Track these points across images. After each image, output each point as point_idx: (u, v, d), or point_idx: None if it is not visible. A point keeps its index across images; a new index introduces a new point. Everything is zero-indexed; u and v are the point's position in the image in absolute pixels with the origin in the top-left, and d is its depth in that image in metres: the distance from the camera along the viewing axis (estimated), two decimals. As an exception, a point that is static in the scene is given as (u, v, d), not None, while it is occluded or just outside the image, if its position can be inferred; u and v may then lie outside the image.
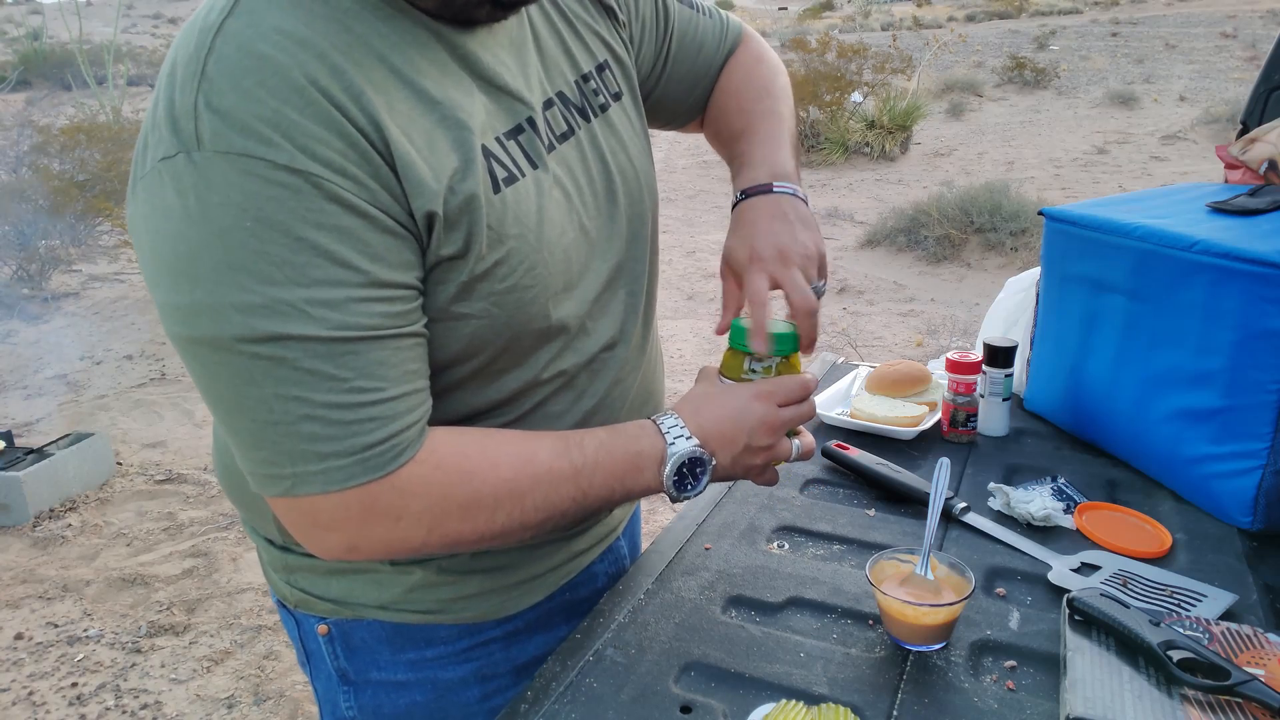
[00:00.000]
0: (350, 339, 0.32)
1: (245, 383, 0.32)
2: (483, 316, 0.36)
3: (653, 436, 0.39)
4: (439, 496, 0.35)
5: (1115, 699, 0.36)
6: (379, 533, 0.35)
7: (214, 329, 0.32)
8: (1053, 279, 0.64)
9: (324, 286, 0.32)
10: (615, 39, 0.45)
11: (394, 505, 0.35)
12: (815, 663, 0.41)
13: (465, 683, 0.45)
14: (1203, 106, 5.17)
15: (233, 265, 0.31)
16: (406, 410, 0.34)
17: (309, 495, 0.33)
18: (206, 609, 1.39)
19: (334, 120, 0.32)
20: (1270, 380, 0.49)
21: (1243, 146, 0.68)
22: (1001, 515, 0.54)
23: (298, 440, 0.33)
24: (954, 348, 0.99)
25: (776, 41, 8.85)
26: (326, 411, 0.32)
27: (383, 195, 0.33)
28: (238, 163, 0.30)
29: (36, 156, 3.21)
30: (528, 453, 0.37)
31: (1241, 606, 0.44)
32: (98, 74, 4.62)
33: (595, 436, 0.39)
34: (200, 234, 0.31)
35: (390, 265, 0.33)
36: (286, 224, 0.31)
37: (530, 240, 0.37)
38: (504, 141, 0.37)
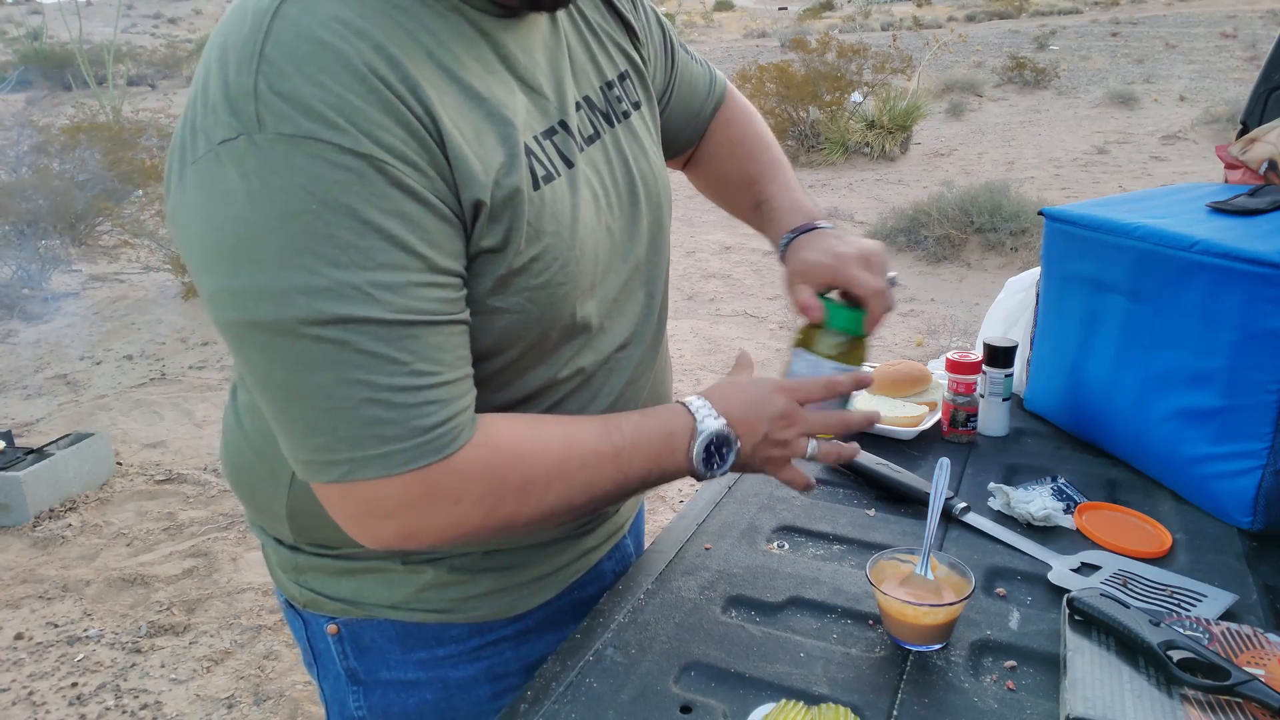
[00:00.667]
0: (411, 323, 0.33)
1: (305, 367, 0.32)
2: (516, 311, 0.37)
3: (683, 416, 0.40)
4: (497, 478, 0.36)
5: (1115, 699, 0.36)
6: (438, 517, 0.35)
7: (276, 312, 0.31)
8: (1053, 279, 0.64)
9: (388, 270, 0.32)
10: (634, 53, 0.47)
11: (454, 488, 0.35)
12: (815, 663, 0.41)
13: (476, 681, 0.45)
14: (1203, 106, 5.16)
15: (297, 248, 0.31)
16: (461, 394, 0.35)
17: (367, 480, 0.33)
18: (206, 609, 1.39)
19: (394, 108, 0.32)
20: (1270, 380, 0.49)
21: (1243, 146, 0.68)
22: (1001, 515, 0.54)
23: (358, 424, 0.32)
24: (954, 348, 0.99)
25: (776, 41, 8.87)
26: (389, 395, 0.32)
27: (439, 184, 0.33)
28: (303, 145, 0.30)
29: (36, 156, 3.21)
30: (573, 434, 0.38)
31: (1241, 606, 0.44)
32: (98, 74, 4.62)
33: (631, 419, 0.40)
34: (263, 217, 0.31)
35: (445, 253, 0.34)
36: (352, 207, 0.31)
37: (565, 238, 0.38)
38: (541, 141, 0.38)
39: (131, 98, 5.37)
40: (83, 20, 4.66)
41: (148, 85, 8.77)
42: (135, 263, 3.18)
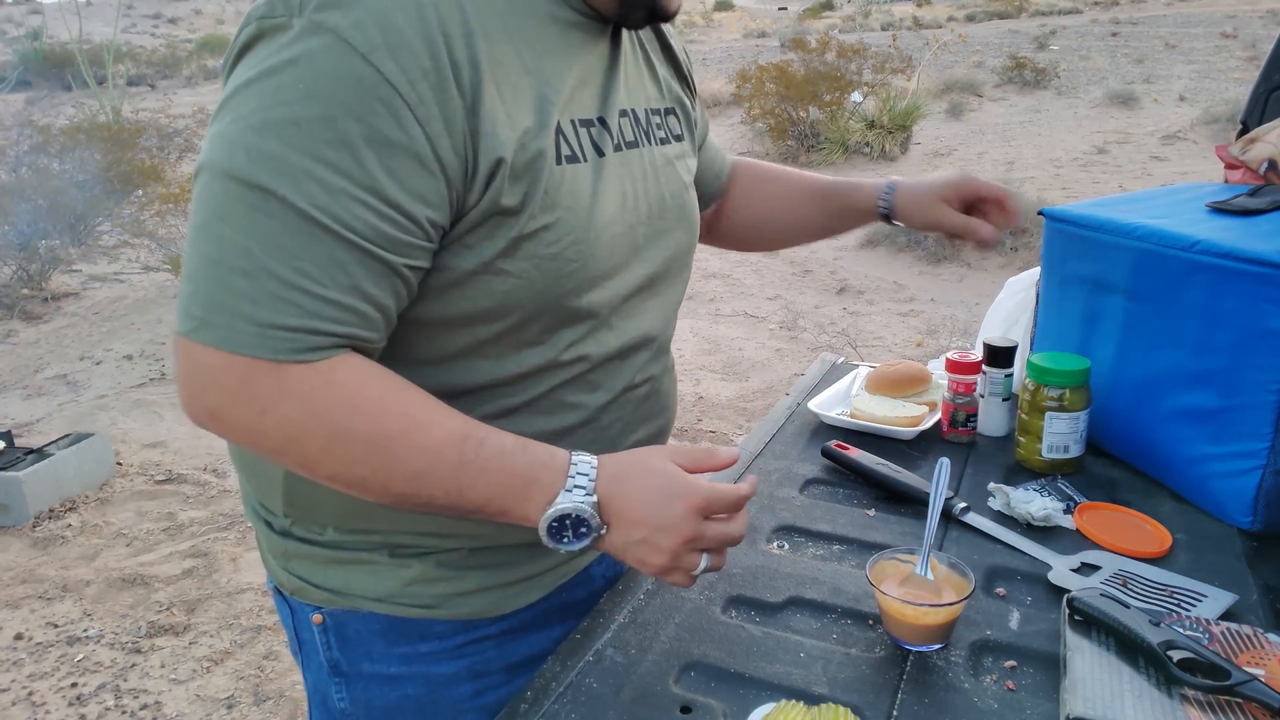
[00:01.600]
0: (323, 224, 0.33)
1: (216, 215, 0.34)
2: (521, 277, 0.38)
3: (556, 473, 0.36)
4: (311, 413, 0.34)
5: (1115, 699, 0.36)
6: (242, 415, 0.34)
7: (222, 158, 0.33)
8: (1053, 279, 0.64)
9: (328, 168, 0.33)
10: (686, 98, 0.51)
11: (266, 396, 0.34)
12: (815, 663, 0.41)
13: (458, 679, 0.45)
14: (1203, 106, 5.16)
15: (268, 114, 0.33)
16: (334, 317, 0.34)
17: (204, 344, 0.34)
18: (206, 609, 1.39)
19: (434, 41, 0.34)
20: (1270, 380, 0.49)
21: (1243, 146, 0.68)
22: (1001, 515, 0.54)
23: (223, 288, 0.33)
24: (954, 348, 0.99)
25: (776, 41, 8.88)
26: (262, 276, 0.33)
27: (436, 125, 0.34)
28: (323, 34, 0.33)
29: (36, 156, 3.21)
30: (423, 421, 0.35)
31: (1241, 606, 0.44)
32: (98, 74, 4.62)
33: (502, 442, 0.36)
34: (261, 77, 0.33)
35: (403, 188, 0.34)
36: (331, 104, 0.33)
37: (580, 216, 0.39)
38: (576, 126, 0.40)
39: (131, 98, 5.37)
40: (82, 20, 4.66)
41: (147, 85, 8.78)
42: (135, 263, 3.18)
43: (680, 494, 0.36)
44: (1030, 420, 0.58)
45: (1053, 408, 0.57)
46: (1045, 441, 0.58)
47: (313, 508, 0.43)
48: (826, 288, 2.98)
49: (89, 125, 3.44)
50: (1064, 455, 0.58)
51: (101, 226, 3.18)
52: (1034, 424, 0.58)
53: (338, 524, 0.43)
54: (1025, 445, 0.59)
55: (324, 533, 0.43)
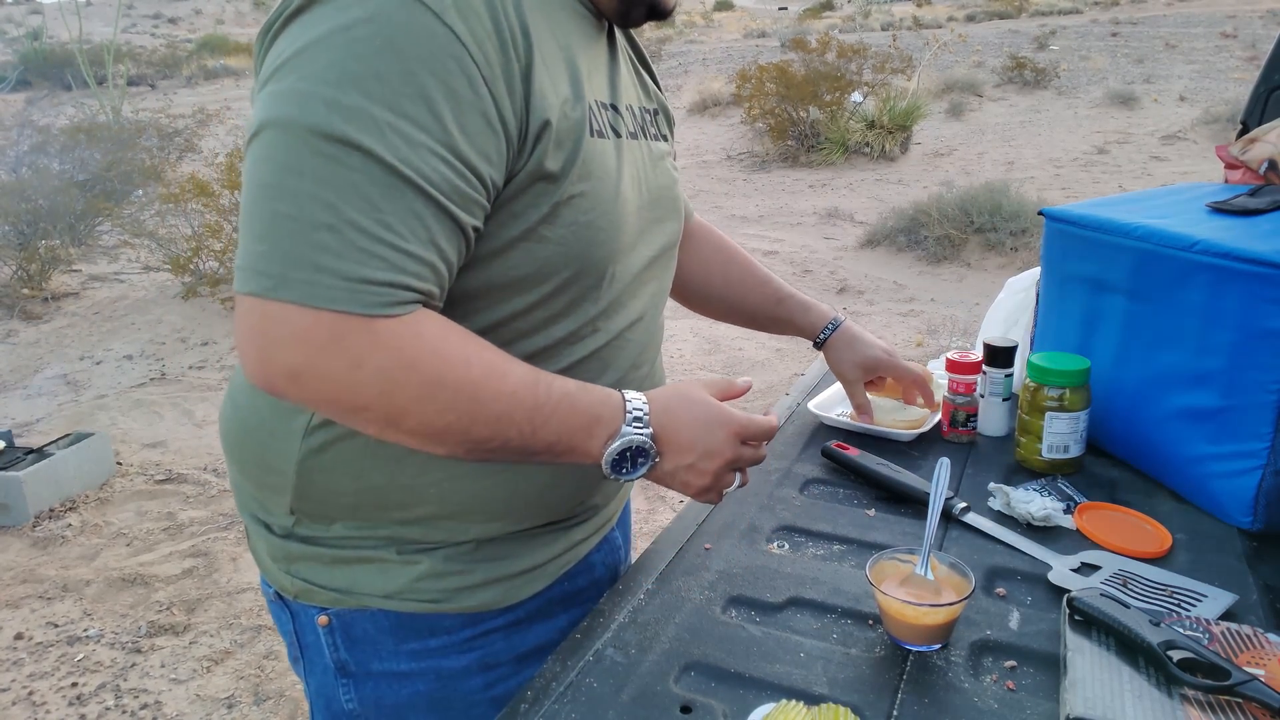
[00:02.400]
0: (405, 177, 0.33)
1: (291, 172, 0.33)
2: (560, 244, 0.39)
3: (615, 410, 0.39)
4: (405, 363, 0.35)
5: (1115, 699, 0.36)
6: (334, 371, 0.34)
7: (297, 113, 0.33)
8: (1053, 279, 0.64)
9: (410, 123, 0.33)
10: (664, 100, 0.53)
11: (360, 349, 0.34)
12: (815, 663, 0.41)
13: (468, 672, 0.45)
14: (1203, 106, 5.16)
15: (345, 68, 0.33)
16: (416, 272, 0.35)
17: (284, 302, 0.33)
18: (206, 609, 1.39)
19: (493, 6, 0.35)
20: (1270, 380, 0.49)
21: (1243, 146, 0.68)
22: (1001, 515, 0.54)
23: (305, 244, 0.33)
24: (954, 348, 0.99)
25: (776, 41, 8.88)
26: (348, 229, 0.33)
27: (500, 86, 0.35)
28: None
29: (36, 156, 3.21)
30: (502, 367, 0.37)
31: (1241, 606, 0.44)
32: (98, 74, 4.63)
33: (566, 386, 0.39)
34: (332, 34, 0.33)
35: (473, 145, 0.35)
36: (409, 58, 0.33)
37: (610, 188, 0.41)
38: (601, 106, 0.42)
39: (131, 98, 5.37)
40: (83, 20, 4.67)
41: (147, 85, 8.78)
42: (135, 263, 3.18)
43: (722, 422, 0.41)
44: (1030, 420, 0.58)
45: (1053, 408, 0.57)
46: (1045, 441, 0.58)
47: (325, 501, 0.42)
48: (826, 288, 2.98)
49: (89, 125, 3.45)
50: (1064, 455, 0.58)
51: (101, 226, 3.18)
52: (1034, 424, 0.58)
53: (348, 518, 0.42)
54: (1025, 445, 0.59)
55: (330, 529, 0.43)
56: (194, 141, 4.20)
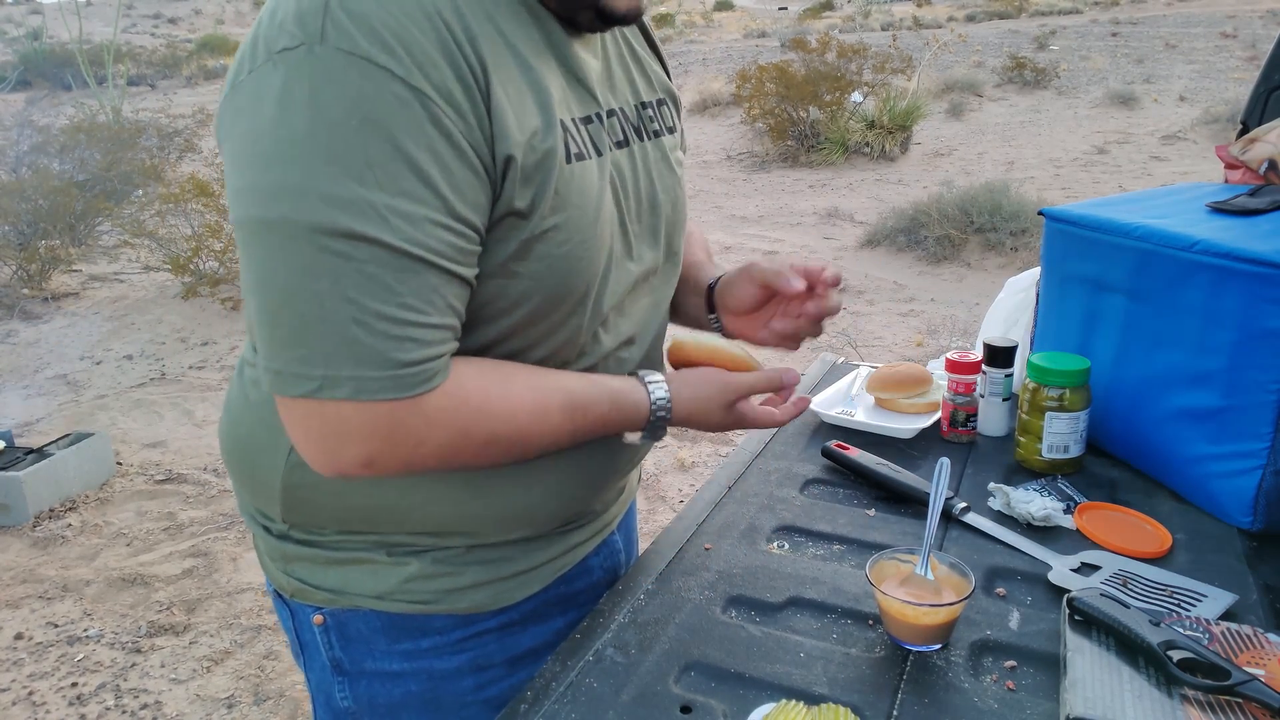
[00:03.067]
0: (415, 256, 0.34)
1: (305, 274, 0.33)
2: (533, 278, 0.38)
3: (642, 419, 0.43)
4: (461, 430, 0.37)
5: (1115, 699, 0.36)
6: (400, 452, 0.36)
7: (294, 212, 0.33)
8: (1053, 279, 0.64)
9: (408, 200, 0.33)
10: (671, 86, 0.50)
11: (418, 430, 0.36)
12: (815, 663, 0.41)
13: (460, 673, 0.45)
14: (1203, 106, 5.16)
15: (331, 156, 0.32)
16: (441, 340, 0.36)
17: (336, 400, 0.34)
18: (206, 609, 1.39)
19: (450, 51, 0.34)
20: (1270, 380, 0.49)
21: (1243, 146, 0.68)
22: (1001, 515, 0.54)
23: (339, 342, 0.33)
24: (954, 348, 0.99)
25: (776, 41, 8.86)
26: (374, 320, 0.33)
27: (476, 133, 0.35)
28: (358, 64, 0.32)
29: (36, 156, 3.21)
30: (543, 407, 0.40)
31: (1241, 607, 0.44)
32: (98, 74, 4.63)
33: (600, 408, 0.42)
34: (308, 121, 0.32)
35: (466, 201, 0.35)
36: (391, 132, 0.33)
37: (589, 215, 0.39)
38: (578, 124, 0.40)
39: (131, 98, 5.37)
40: (82, 20, 4.67)
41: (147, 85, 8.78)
42: (135, 263, 3.18)
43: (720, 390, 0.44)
44: (1030, 420, 0.58)
45: (1053, 408, 0.57)
46: (1045, 441, 0.58)
47: (312, 514, 0.43)
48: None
49: (89, 125, 3.45)
50: (1064, 455, 0.58)
51: (101, 226, 3.18)
52: (1034, 424, 0.58)
53: (337, 527, 0.43)
54: (1025, 445, 0.59)
55: (323, 534, 0.43)
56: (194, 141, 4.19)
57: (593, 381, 0.42)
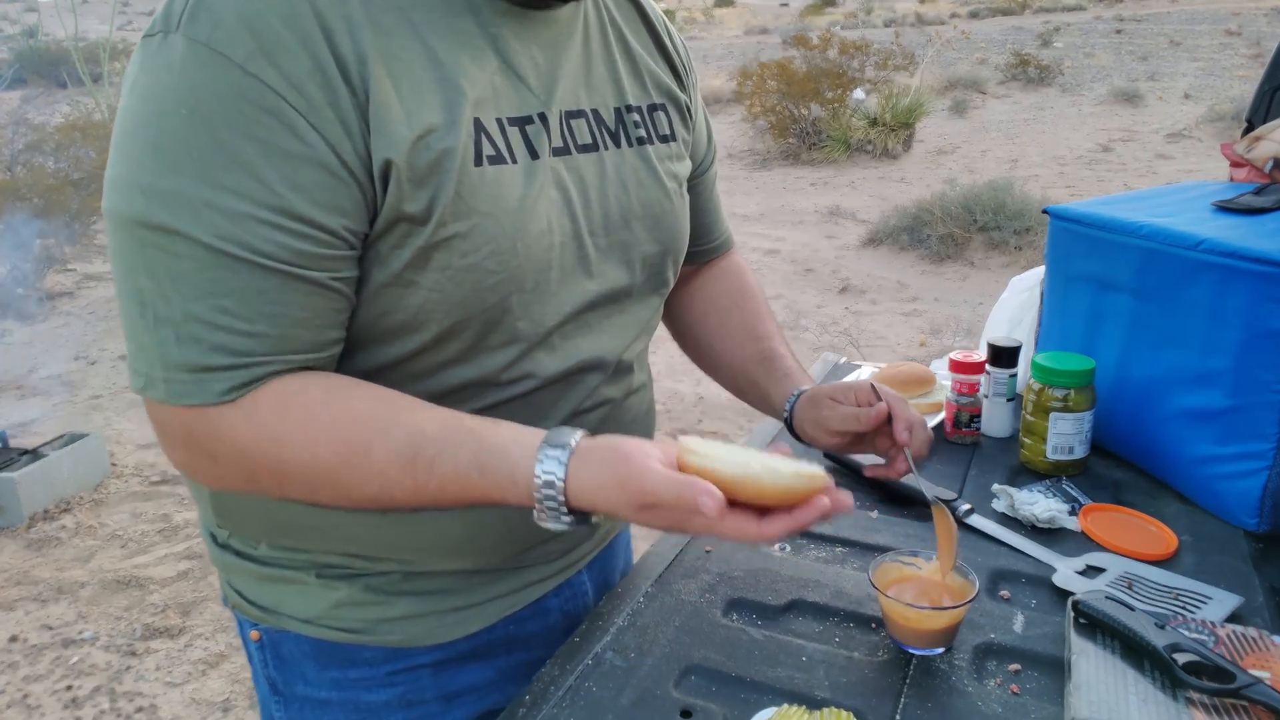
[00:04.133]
0: (233, 255, 0.31)
1: (132, 268, 0.32)
2: (435, 289, 0.35)
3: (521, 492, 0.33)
4: (245, 451, 0.33)
5: (1120, 702, 0.35)
6: (199, 464, 0.35)
7: (122, 205, 0.32)
8: (1057, 278, 0.64)
9: (227, 194, 0.31)
10: (679, 93, 0.46)
11: (208, 443, 0.33)
12: (817, 666, 0.40)
13: (389, 707, 0.42)
14: (1208, 104, 5.14)
15: (155, 147, 0.31)
16: (265, 352, 0.33)
17: (154, 400, 0.33)
18: (202, 611, 1.38)
19: (312, 38, 0.31)
20: (1276, 380, 0.49)
21: (1248, 144, 0.67)
22: (1005, 517, 0.53)
23: (155, 340, 0.32)
24: (958, 347, 0.99)
25: (778, 38, 8.84)
26: (185, 321, 0.32)
27: (334, 129, 0.31)
28: (198, 50, 0.31)
29: (31, 155, 3.19)
30: (361, 443, 0.33)
31: (1247, 609, 0.44)
32: (93, 71, 4.61)
33: (456, 463, 0.33)
34: (143, 111, 0.31)
35: (313, 201, 0.32)
36: (216, 123, 0.31)
37: (504, 225, 0.35)
38: (505, 124, 0.36)
39: (129, 95, 5.32)
40: (78, 17, 4.64)
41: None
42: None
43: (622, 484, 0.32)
44: (1035, 421, 0.57)
45: (1057, 408, 0.56)
46: (1050, 442, 0.57)
47: (242, 523, 0.41)
48: (829, 287, 2.97)
49: (84, 123, 3.43)
50: (1069, 456, 0.57)
51: (96, 225, 3.16)
52: (1038, 425, 0.57)
53: (268, 540, 0.41)
54: (1030, 446, 0.58)
55: (258, 548, 0.42)
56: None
57: (460, 427, 0.34)
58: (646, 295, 0.44)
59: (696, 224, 0.51)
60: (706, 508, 0.30)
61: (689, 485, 0.31)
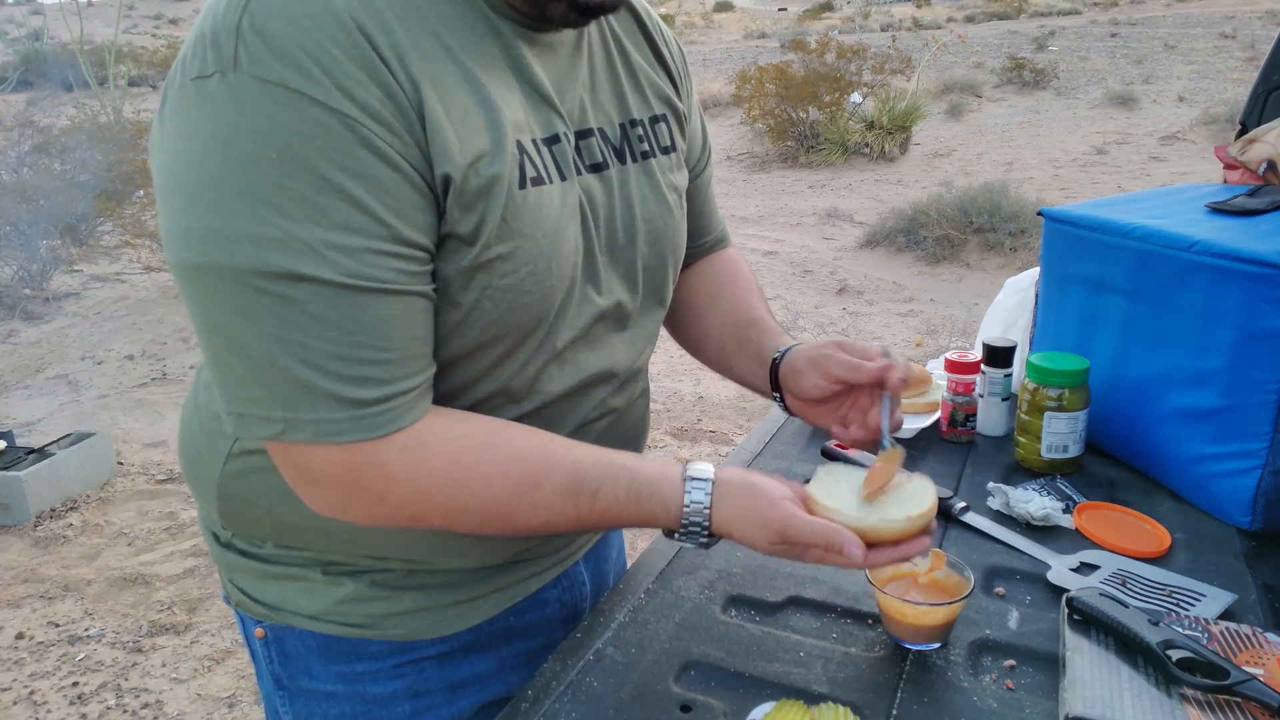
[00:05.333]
0: (361, 289, 0.32)
1: (247, 319, 0.31)
2: (473, 309, 0.36)
3: (670, 518, 0.37)
4: (421, 492, 0.34)
5: (1114, 698, 0.36)
6: (363, 505, 0.35)
7: (225, 257, 0.31)
8: (1052, 279, 0.64)
9: (343, 231, 0.31)
10: (678, 102, 0.46)
11: (376, 483, 0.34)
12: (815, 662, 0.41)
13: (395, 698, 0.43)
14: (1202, 107, 5.15)
15: (253, 195, 0.30)
16: (405, 375, 0.34)
17: (299, 444, 0.33)
18: (207, 608, 1.39)
19: (375, 67, 0.31)
20: (1269, 380, 0.49)
21: (1241, 147, 0.68)
22: (1000, 515, 0.54)
23: (293, 385, 0.32)
24: (953, 348, 0.99)
25: (776, 42, 8.86)
26: (325, 360, 0.32)
27: (414, 151, 0.32)
28: (272, 91, 0.30)
29: (38, 157, 3.21)
30: (531, 479, 0.35)
31: (1240, 606, 0.44)
32: (99, 74, 4.63)
33: (615, 492, 0.36)
34: (223, 157, 0.30)
35: (411, 223, 0.33)
36: (313, 162, 0.30)
37: (542, 246, 0.36)
38: (539, 145, 0.37)
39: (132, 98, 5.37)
40: (84, 21, 4.67)
41: (149, 86, 8.79)
42: (136, 263, 3.18)
43: (764, 524, 0.37)
44: (1029, 420, 0.58)
45: (1052, 408, 0.57)
46: (1044, 441, 0.58)
47: (247, 525, 0.42)
48: (826, 288, 2.98)
49: (90, 125, 3.45)
50: (1063, 455, 0.58)
51: (103, 226, 3.19)
52: (1033, 424, 0.58)
53: (274, 540, 0.42)
54: (1024, 445, 0.59)
55: (263, 546, 0.42)
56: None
57: (613, 463, 0.37)
58: (650, 308, 0.45)
59: (692, 225, 0.51)
60: (853, 556, 0.36)
61: (836, 532, 0.36)
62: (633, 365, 0.44)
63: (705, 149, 0.51)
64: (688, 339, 0.54)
